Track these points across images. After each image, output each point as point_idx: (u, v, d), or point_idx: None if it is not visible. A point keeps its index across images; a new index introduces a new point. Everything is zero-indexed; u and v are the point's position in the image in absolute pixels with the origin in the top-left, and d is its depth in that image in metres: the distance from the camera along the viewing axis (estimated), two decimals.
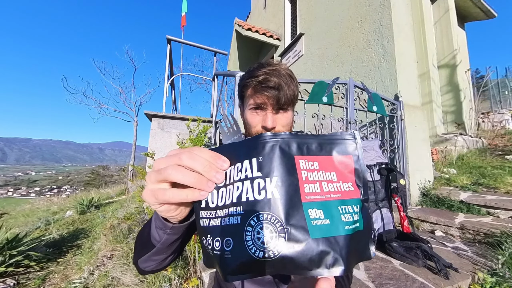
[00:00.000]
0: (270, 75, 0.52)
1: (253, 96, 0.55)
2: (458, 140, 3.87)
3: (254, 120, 0.57)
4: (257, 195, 0.26)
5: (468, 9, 5.38)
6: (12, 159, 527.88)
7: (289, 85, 0.54)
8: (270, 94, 0.53)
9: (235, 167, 0.28)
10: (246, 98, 0.58)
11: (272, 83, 0.52)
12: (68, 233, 3.26)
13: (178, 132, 3.18)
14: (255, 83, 0.53)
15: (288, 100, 0.54)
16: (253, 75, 0.54)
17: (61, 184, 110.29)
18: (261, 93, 0.53)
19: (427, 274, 1.37)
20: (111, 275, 1.85)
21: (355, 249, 0.27)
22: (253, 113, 0.57)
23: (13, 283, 1.90)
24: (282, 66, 0.56)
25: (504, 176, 2.74)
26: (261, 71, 0.53)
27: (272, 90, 0.52)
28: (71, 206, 5.36)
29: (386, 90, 3.07)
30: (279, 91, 0.53)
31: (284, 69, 0.56)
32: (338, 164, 0.30)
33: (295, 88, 0.56)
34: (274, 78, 0.52)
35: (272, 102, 0.54)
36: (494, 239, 1.69)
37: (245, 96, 0.58)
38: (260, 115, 0.56)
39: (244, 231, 0.25)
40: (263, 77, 0.52)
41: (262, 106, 0.55)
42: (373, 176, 1.95)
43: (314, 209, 0.26)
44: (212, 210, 0.28)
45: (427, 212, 2.33)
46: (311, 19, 4.99)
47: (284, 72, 0.54)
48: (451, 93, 4.52)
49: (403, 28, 3.18)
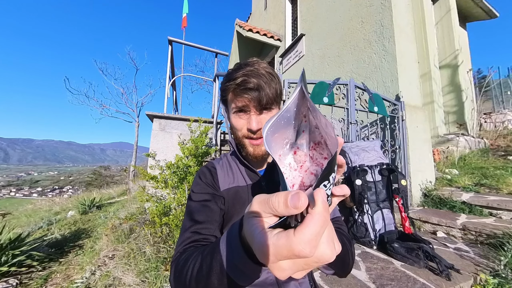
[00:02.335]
0: (248, 76, 0.50)
1: (234, 99, 0.54)
2: (460, 141, 3.85)
3: (238, 123, 0.55)
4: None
5: (469, 9, 5.37)
6: (15, 160, 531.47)
7: (269, 84, 0.52)
8: (251, 96, 0.51)
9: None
10: (229, 102, 0.57)
11: (251, 84, 0.50)
12: (70, 233, 3.27)
13: (180, 132, 3.19)
14: (234, 86, 0.52)
15: (270, 100, 0.52)
16: (232, 77, 0.52)
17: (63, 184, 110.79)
18: (241, 95, 0.52)
19: (428, 275, 1.36)
20: (113, 275, 1.86)
21: None
22: (236, 116, 0.55)
23: (16, 283, 1.91)
24: (261, 64, 0.54)
25: (506, 176, 2.72)
26: (239, 72, 0.51)
27: (252, 92, 0.51)
28: (73, 206, 5.38)
29: (387, 91, 3.07)
30: (259, 91, 0.51)
31: (263, 67, 0.53)
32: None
33: (276, 85, 0.54)
34: (253, 79, 0.50)
35: (254, 104, 0.52)
36: (496, 240, 1.68)
37: (227, 100, 0.57)
38: (244, 118, 0.55)
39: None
40: (241, 79, 0.50)
41: (245, 108, 0.53)
42: (374, 177, 1.95)
43: None
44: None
45: (429, 213, 2.32)
46: (312, 20, 5.00)
47: (263, 71, 0.52)
48: (453, 94, 4.50)
49: (404, 28, 3.18)
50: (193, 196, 0.58)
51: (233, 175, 0.64)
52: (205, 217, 0.53)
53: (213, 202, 0.56)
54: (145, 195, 2.27)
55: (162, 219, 1.96)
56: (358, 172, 1.91)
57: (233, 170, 0.65)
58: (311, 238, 0.19)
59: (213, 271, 0.33)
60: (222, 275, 0.32)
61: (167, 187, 2.20)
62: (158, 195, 2.32)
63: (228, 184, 0.61)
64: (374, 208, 1.88)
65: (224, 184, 0.61)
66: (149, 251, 2.00)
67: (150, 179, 2.18)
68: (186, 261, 0.40)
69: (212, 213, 0.54)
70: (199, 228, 0.51)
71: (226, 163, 0.67)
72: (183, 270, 0.39)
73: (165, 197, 2.28)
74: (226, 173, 0.64)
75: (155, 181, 2.18)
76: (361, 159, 2.00)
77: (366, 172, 1.93)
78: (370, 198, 1.89)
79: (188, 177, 2.18)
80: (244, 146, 0.58)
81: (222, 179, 0.62)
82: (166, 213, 2.07)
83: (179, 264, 0.42)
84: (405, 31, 3.18)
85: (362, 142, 2.07)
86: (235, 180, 0.62)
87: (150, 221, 2.31)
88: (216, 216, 0.54)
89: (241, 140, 0.57)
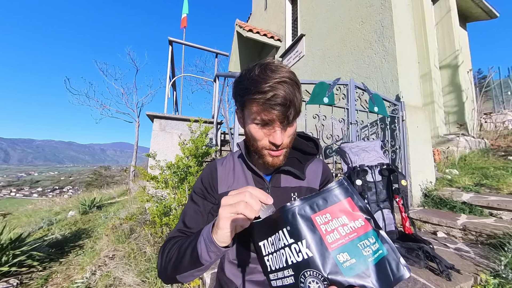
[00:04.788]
0: (277, 89, 0.47)
1: (260, 113, 0.50)
2: (460, 141, 3.85)
3: (259, 134, 0.53)
4: (297, 258, 0.33)
5: (469, 9, 5.36)
6: (15, 160, 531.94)
7: (297, 97, 0.49)
8: (279, 112, 0.48)
9: (275, 237, 0.37)
10: (249, 110, 0.52)
11: (282, 100, 0.47)
12: (71, 233, 3.28)
13: (180, 133, 3.19)
14: (263, 101, 0.47)
15: (297, 114, 0.51)
16: (259, 89, 0.47)
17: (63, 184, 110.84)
18: (269, 111, 0.48)
19: (429, 275, 1.36)
20: (113, 275, 1.86)
21: (386, 274, 0.32)
22: (257, 127, 0.53)
23: (16, 283, 1.92)
24: (285, 70, 0.50)
25: (507, 177, 2.72)
26: (267, 84, 0.47)
27: (281, 107, 0.47)
28: (73, 206, 5.39)
29: (387, 91, 3.07)
30: (289, 107, 0.48)
31: (289, 76, 0.49)
32: (344, 208, 0.36)
33: (300, 95, 0.51)
34: (282, 93, 0.47)
35: (280, 119, 0.49)
36: (496, 241, 1.68)
37: (247, 107, 0.53)
38: (266, 129, 0.52)
39: (298, 287, 0.33)
40: (271, 94, 0.46)
41: (270, 122, 0.50)
42: (375, 177, 1.95)
43: (341, 254, 0.32)
44: (274, 272, 0.38)
45: (429, 213, 2.32)
46: (312, 20, 5.00)
47: (289, 81, 0.48)
48: (453, 94, 4.50)
49: (404, 29, 3.18)
50: (193, 196, 0.65)
51: (234, 177, 0.64)
52: (194, 224, 0.59)
53: (205, 208, 0.62)
54: (146, 195, 2.27)
55: (162, 219, 1.96)
56: (358, 172, 1.91)
57: (236, 172, 0.65)
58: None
59: (190, 246, 0.46)
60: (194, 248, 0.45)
61: (168, 187, 2.21)
62: (159, 195, 2.32)
63: (227, 187, 0.63)
64: (374, 208, 1.88)
65: (223, 186, 0.63)
66: (150, 251, 2.00)
67: (151, 179, 2.18)
68: (169, 241, 0.55)
69: (202, 220, 0.61)
70: (187, 231, 0.59)
71: (230, 164, 0.67)
72: (166, 245, 0.54)
73: (166, 197, 2.28)
74: (227, 174, 0.65)
75: (156, 181, 2.18)
76: (361, 159, 2.00)
77: (366, 172, 1.93)
78: (370, 198, 1.89)
79: (189, 177, 2.18)
80: (262, 156, 0.56)
81: (221, 181, 0.64)
82: (166, 213, 2.07)
83: (165, 244, 0.55)
84: (405, 31, 3.18)
85: (362, 142, 2.07)
86: (234, 182, 0.63)
87: (150, 221, 2.31)
88: (204, 223, 0.60)
89: (260, 150, 0.55)
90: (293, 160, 0.66)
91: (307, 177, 0.65)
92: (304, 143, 0.69)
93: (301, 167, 0.65)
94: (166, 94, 3.72)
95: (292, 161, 0.66)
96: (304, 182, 0.65)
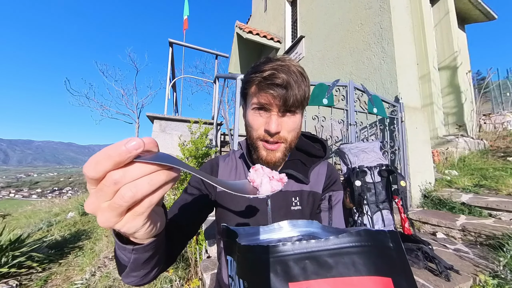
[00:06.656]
0: (278, 70, 0.44)
1: (257, 94, 0.47)
2: (459, 142, 3.86)
3: (256, 122, 0.49)
4: None
5: (468, 11, 5.40)
6: (15, 161, 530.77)
7: (299, 84, 0.46)
8: (277, 93, 0.45)
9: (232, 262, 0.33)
10: (249, 96, 0.51)
11: (280, 80, 0.44)
12: (70, 235, 3.27)
13: (180, 134, 3.20)
14: (260, 79, 0.46)
15: (297, 101, 0.46)
16: (259, 69, 0.46)
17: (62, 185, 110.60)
18: (266, 91, 0.45)
19: (428, 276, 1.36)
20: (113, 276, 1.86)
21: None
22: (255, 113, 0.49)
23: (16, 284, 1.91)
24: (293, 62, 0.48)
25: (506, 177, 2.73)
26: (268, 65, 0.46)
27: (279, 88, 0.45)
28: (72, 207, 5.38)
29: (386, 92, 3.08)
30: (287, 90, 0.45)
31: (295, 65, 0.47)
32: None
33: (306, 88, 0.48)
34: (282, 75, 0.44)
35: (278, 103, 0.46)
36: (495, 241, 1.68)
37: (248, 93, 0.51)
38: (263, 117, 0.49)
39: None
40: (269, 72, 0.44)
41: (267, 106, 0.47)
42: (374, 178, 1.96)
43: None
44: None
45: (428, 214, 2.32)
46: (311, 22, 5.03)
47: (294, 68, 0.46)
48: (452, 95, 4.52)
49: (403, 30, 3.20)
50: (188, 188, 0.61)
51: (235, 176, 0.63)
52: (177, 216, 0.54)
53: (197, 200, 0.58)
54: None
55: None
56: (358, 173, 1.91)
57: (237, 171, 0.63)
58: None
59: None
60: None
61: None
62: None
63: None
64: (373, 209, 1.88)
65: None
66: None
67: None
68: None
69: (190, 211, 0.56)
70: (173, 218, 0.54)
71: (232, 161, 0.65)
72: None
73: (165, 198, 2.28)
74: (229, 172, 0.63)
75: None
76: (360, 160, 2.00)
77: (365, 173, 1.94)
78: (370, 199, 1.90)
79: (188, 178, 2.18)
80: (256, 149, 0.52)
81: (222, 177, 0.61)
82: None
83: None
84: (404, 33, 3.20)
85: (362, 143, 2.08)
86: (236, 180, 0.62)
87: None
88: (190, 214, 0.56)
89: (255, 141, 0.51)
90: (297, 162, 0.61)
91: (310, 181, 0.60)
92: (310, 144, 0.65)
93: (305, 170, 0.60)
94: (166, 95, 3.73)
95: (295, 163, 0.61)
96: (307, 186, 0.60)
